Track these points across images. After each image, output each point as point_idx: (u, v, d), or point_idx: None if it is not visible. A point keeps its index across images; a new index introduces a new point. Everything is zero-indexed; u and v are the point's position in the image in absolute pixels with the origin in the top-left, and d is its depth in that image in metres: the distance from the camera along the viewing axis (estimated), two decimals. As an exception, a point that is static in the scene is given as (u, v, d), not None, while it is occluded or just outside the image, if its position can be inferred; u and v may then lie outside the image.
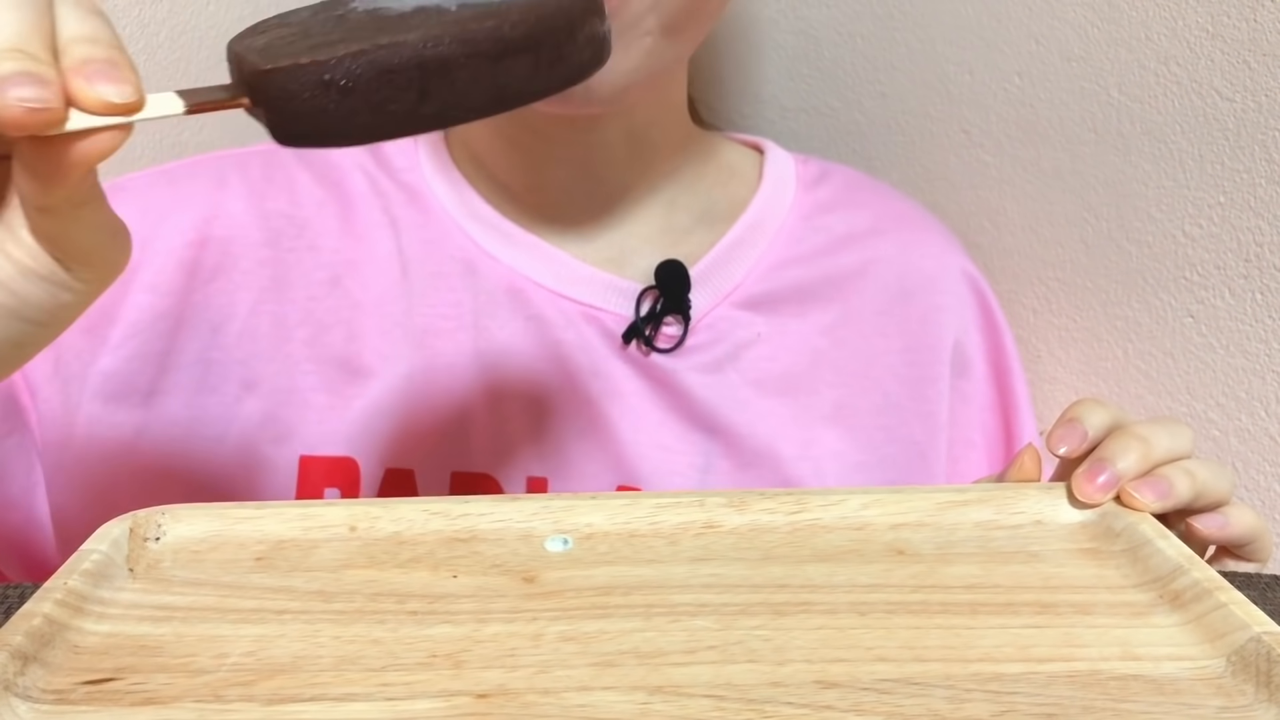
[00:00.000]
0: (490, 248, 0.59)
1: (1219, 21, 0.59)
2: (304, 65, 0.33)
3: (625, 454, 0.57)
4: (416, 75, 0.33)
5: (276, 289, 0.58)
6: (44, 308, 0.34)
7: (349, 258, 0.59)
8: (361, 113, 0.33)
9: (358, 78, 0.33)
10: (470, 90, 0.35)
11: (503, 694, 0.32)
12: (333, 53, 0.33)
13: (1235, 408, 0.62)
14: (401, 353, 0.58)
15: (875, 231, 0.64)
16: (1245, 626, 0.34)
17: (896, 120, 0.77)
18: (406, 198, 0.60)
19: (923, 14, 0.74)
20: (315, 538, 0.41)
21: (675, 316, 0.58)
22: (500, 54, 0.34)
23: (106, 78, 0.31)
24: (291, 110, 0.33)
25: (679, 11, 0.52)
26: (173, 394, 0.57)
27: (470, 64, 0.34)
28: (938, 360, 0.63)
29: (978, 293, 0.66)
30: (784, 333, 0.61)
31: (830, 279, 0.62)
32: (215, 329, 0.57)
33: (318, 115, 0.33)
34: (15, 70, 0.30)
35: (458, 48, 0.34)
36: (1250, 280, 0.60)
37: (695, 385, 0.58)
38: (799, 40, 0.81)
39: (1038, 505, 0.43)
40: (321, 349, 0.58)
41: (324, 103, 0.33)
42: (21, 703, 0.31)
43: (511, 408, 0.58)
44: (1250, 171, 0.59)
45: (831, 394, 0.61)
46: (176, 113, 0.33)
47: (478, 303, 0.58)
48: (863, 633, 0.35)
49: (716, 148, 0.65)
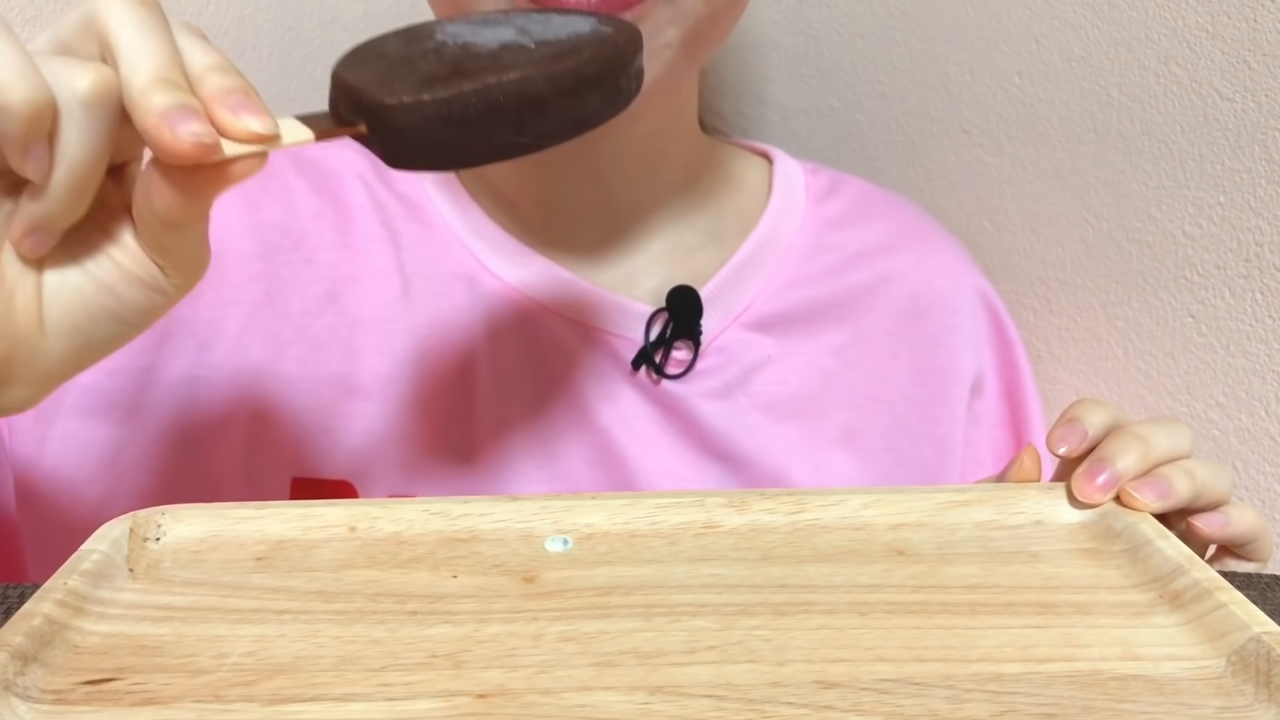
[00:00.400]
0: (495, 266, 0.57)
1: (1219, 21, 0.59)
2: (426, 102, 0.35)
3: (634, 481, 0.56)
4: (516, 111, 0.37)
5: (270, 304, 0.56)
6: (140, 310, 0.37)
7: (347, 272, 0.57)
8: (469, 143, 0.37)
9: (471, 113, 0.36)
10: (555, 121, 0.39)
11: (503, 694, 0.32)
12: (451, 90, 0.36)
13: (1235, 408, 0.62)
14: (401, 374, 0.56)
15: (887, 249, 0.63)
16: (1245, 626, 0.34)
17: (896, 120, 0.77)
18: (407, 211, 0.59)
19: (923, 14, 0.74)
20: (315, 538, 0.41)
21: (685, 340, 0.57)
22: (577, 90, 0.39)
23: (248, 109, 0.33)
24: (409, 141, 0.36)
25: (700, 24, 0.50)
26: (155, 411, 0.55)
27: (557, 100, 0.38)
28: (949, 382, 0.62)
29: (990, 310, 0.65)
30: (794, 354, 0.60)
31: (841, 299, 0.61)
32: (203, 345, 0.55)
33: (432, 145, 0.36)
34: (176, 104, 0.32)
35: (548, 86, 0.38)
36: (1250, 280, 0.60)
37: (705, 412, 0.57)
38: (799, 40, 0.81)
39: (1038, 505, 0.43)
40: (317, 368, 0.56)
41: (440, 135, 0.36)
42: (21, 703, 0.31)
43: (517, 433, 0.56)
44: (1250, 171, 0.59)
45: (841, 417, 0.60)
46: (307, 140, 0.35)
47: (482, 324, 0.57)
48: (863, 633, 0.35)
49: (725, 158, 0.63)
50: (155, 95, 0.32)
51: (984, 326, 0.64)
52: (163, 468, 0.55)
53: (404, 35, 0.40)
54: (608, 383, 0.57)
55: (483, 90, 0.36)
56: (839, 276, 0.62)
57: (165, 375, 0.55)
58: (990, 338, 0.65)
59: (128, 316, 0.37)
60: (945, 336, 0.62)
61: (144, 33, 0.33)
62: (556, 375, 0.57)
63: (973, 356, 0.63)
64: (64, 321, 0.36)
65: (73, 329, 0.36)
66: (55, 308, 0.36)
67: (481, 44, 0.39)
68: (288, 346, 0.56)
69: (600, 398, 0.57)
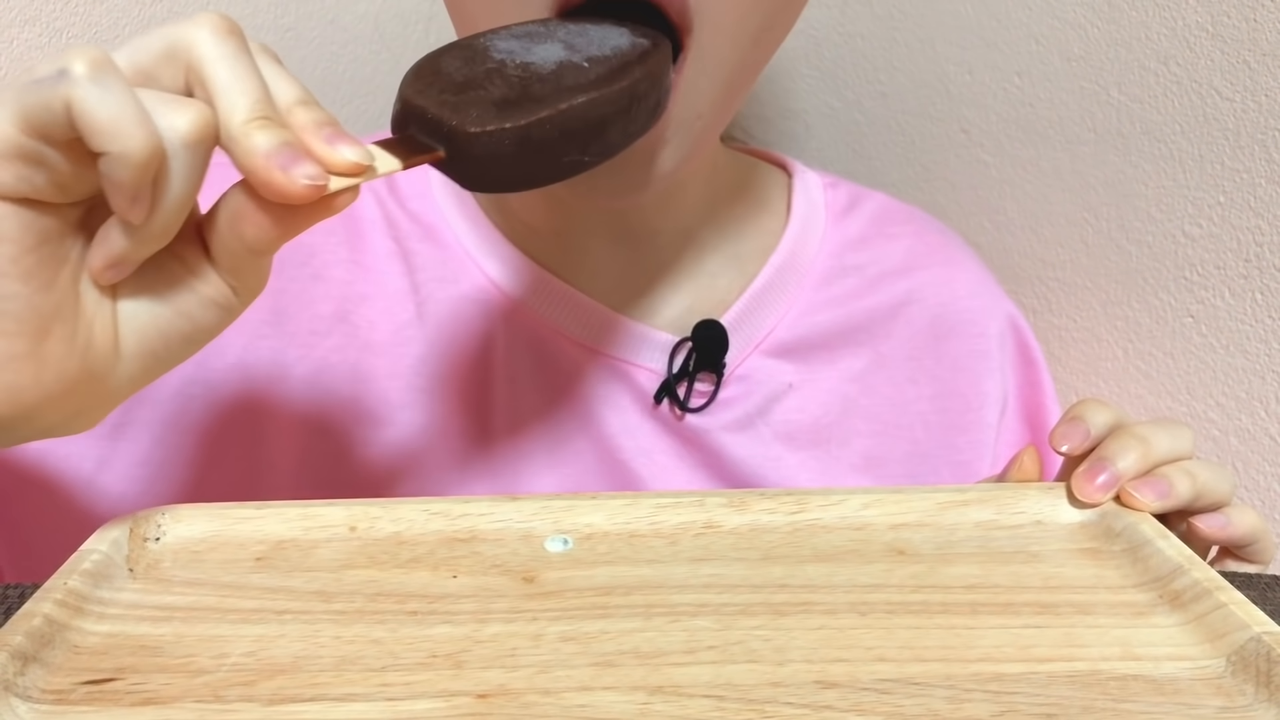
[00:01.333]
0: (514, 292, 0.55)
1: (1219, 21, 0.59)
2: (507, 130, 0.36)
3: None
4: (583, 132, 0.39)
5: (276, 321, 0.54)
6: (210, 329, 0.36)
7: (359, 291, 0.55)
8: (542, 165, 0.39)
9: (546, 137, 0.38)
10: (613, 139, 0.41)
11: (503, 694, 0.32)
12: (529, 117, 0.37)
13: (1235, 408, 0.62)
14: (413, 400, 0.54)
15: (908, 270, 0.62)
16: (1245, 626, 0.34)
17: (896, 120, 0.77)
18: (421, 230, 0.56)
19: (923, 14, 0.74)
20: (315, 538, 0.41)
21: (707, 372, 0.56)
22: (630, 107, 0.41)
23: (343, 140, 0.33)
24: (488, 165, 0.37)
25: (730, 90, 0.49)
26: (142, 428, 0.52)
27: (616, 119, 0.40)
28: (969, 408, 0.61)
29: (1016, 331, 0.64)
30: (814, 380, 0.59)
31: (861, 323, 0.60)
32: (199, 362, 0.52)
33: (510, 168, 0.38)
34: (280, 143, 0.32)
35: (609, 107, 0.39)
36: (1250, 280, 0.60)
37: (727, 445, 0.56)
38: (799, 40, 0.81)
39: (1038, 505, 0.43)
40: (323, 389, 0.54)
41: (519, 157, 0.37)
42: (21, 703, 0.31)
43: (534, 465, 0.55)
44: (1250, 171, 0.59)
45: (861, 444, 0.59)
46: (396, 169, 0.35)
47: (499, 352, 0.55)
48: (863, 633, 0.35)
49: (744, 174, 0.62)
50: (258, 136, 0.32)
51: (1010, 351, 0.63)
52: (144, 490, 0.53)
53: (462, 53, 0.40)
54: (630, 416, 0.56)
55: (556, 116, 0.38)
56: (859, 300, 0.60)
57: (155, 391, 0.52)
58: (1015, 361, 0.64)
59: (198, 336, 0.36)
60: (967, 361, 0.61)
61: (237, 68, 0.33)
62: (575, 406, 0.55)
63: (999, 381, 0.62)
64: (140, 346, 0.36)
65: (147, 353, 0.36)
66: (131, 333, 0.36)
67: (539, 64, 0.40)
68: (292, 366, 0.54)
69: (621, 430, 0.56)
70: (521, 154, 0.37)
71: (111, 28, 0.71)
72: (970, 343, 0.62)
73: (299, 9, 0.77)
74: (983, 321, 0.62)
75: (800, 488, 0.54)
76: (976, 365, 0.62)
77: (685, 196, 0.57)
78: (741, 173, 0.62)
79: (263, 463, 0.53)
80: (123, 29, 0.71)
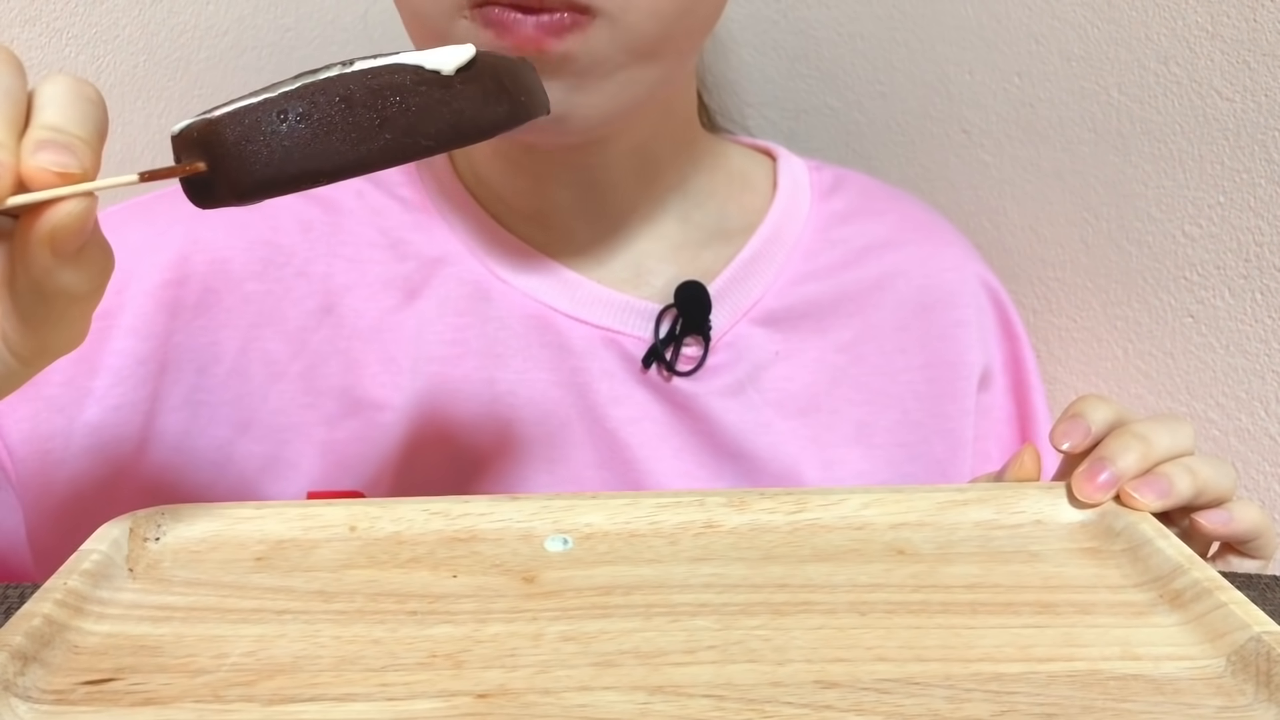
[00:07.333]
0: (501, 271, 0.57)
1: (1219, 21, 0.59)
2: (254, 105, 0.34)
3: (646, 483, 0.56)
4: (372, 101, 0.35)
5: (266, 323, 0.55)
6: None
7: (341, 282, 0.56)
8: (319, 141, 0.35)
9: (310, 107, 0.35)
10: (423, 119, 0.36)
11: (503, 694, 0.32)
12: (272, 94, 0.34)
13: (1235, 408, 0.62)
14: (406, 382, 0.55)
15: (893, 243, 0.63)
16: (1245, 626, 0.34)
17: (896, 120, 0.77)
18: (407, 215, 0.58)
19: (923, 14, 0.74)
20: (315, 538, 0.41)
21: (695, 337, 0.57)
22: (433, 82, 0.37)
23: (50, 149, 0.32)
24: (249, 151, 0.34)
25: (649, 39, 0.49)
26: (160, 440, 0.54)
27: (418, 91, 0.36)
28: (958, 376, 0.62)
29: (997, 303, 0.65)
30: (803, 350, 0.59)
31: (849, 294, 0.61)
32: (201, 370, 0.54)
33: (273, 155, 0.34)
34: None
35: (357, 85, 0.36)
36: (1250, 280, 0.60)
37: (717, 410, 0.57)
38: (799, 40, 0.81)
39: (1038, 505, 0.43)
40: (319, 382, 0.55)
41: (274, 142, 0.34)
42: (21, 703, 0.31)
43: (527, 437, 0.56)
44: (1250, 171, 0.59)
45: (853, 413, 0.60)
46: (131, 181, 0.33)
47: (489, 329, 0.56)
48: (863, 633, 0.35)
49: (726, 155, 0.63)
50: None
51: (990, 319, 0.64)
52: (169, 495, 0.54)
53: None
54: (619, 384, 0.57)
55: (317, 84, 0.35)
56: (846, 271, 0.61)
57: (167, 403, 0.54)
58: (997, 331, 0.65)
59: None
60: (953, 331, 0.62)
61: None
62: (567, 379, 0.56)
63: (980, 350, 0.63)
64: None
65: None
66: None
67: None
68: (287, 364, 0.55)
69: (612, 399, 0.57)
70: (283, 127, 0.34)
71: (111, 28, 0.71)
72: (955, 312, 0.63)
73: (299, 9, 0.77)
74: (964, 291, 0.63)
75: (800, 488, 0.54)
76: (960, 334, 0.62)
77: (661, 176, 0.58)
78: (726, 156, 0.63)
79: (272, 457, 0.55)
80: (123, 29, 0.71)
